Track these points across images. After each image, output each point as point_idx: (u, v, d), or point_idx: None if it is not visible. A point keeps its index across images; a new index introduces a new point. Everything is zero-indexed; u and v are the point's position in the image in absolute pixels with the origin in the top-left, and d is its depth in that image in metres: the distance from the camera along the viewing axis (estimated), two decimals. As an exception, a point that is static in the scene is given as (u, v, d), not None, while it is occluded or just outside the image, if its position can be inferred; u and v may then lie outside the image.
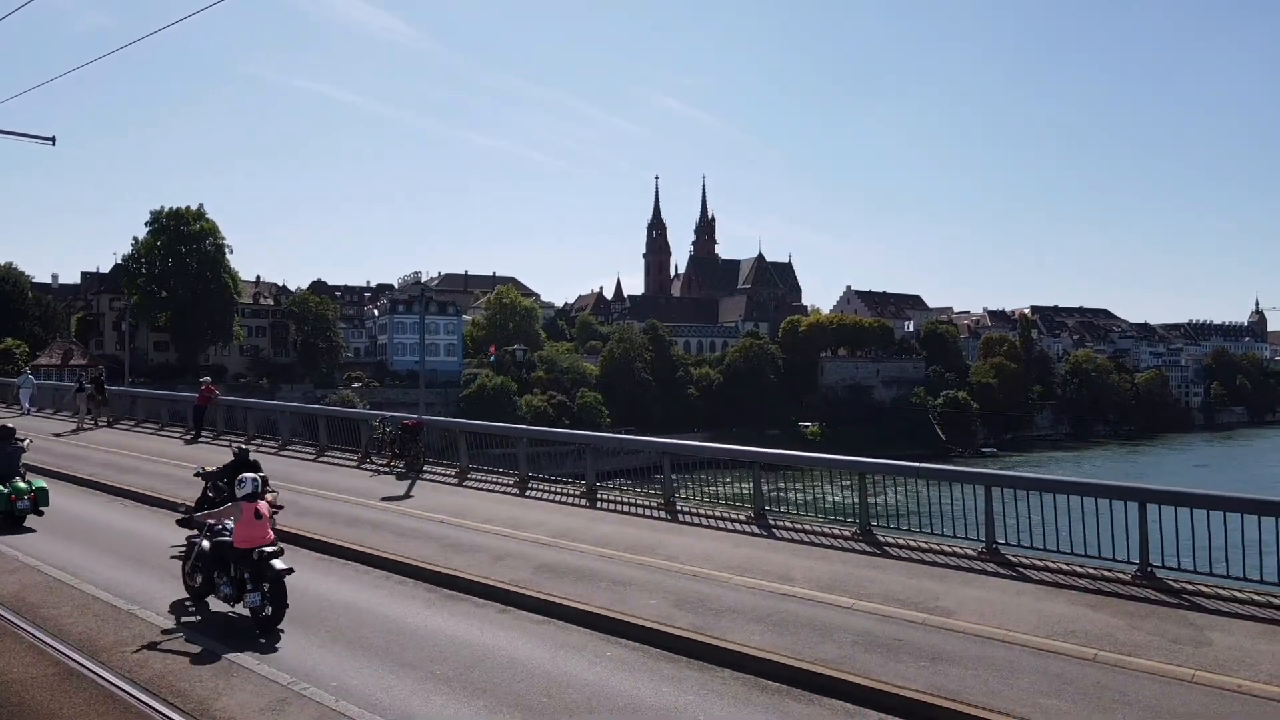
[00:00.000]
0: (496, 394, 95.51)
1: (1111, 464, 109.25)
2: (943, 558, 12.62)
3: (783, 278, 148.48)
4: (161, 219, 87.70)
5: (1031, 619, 9.97)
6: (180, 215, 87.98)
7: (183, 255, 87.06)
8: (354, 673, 8.53)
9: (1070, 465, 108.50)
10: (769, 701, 8.22)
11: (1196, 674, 8.43)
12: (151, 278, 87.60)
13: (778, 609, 10.41)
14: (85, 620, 9.87)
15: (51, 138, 16.60)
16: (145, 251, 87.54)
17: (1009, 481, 12.74)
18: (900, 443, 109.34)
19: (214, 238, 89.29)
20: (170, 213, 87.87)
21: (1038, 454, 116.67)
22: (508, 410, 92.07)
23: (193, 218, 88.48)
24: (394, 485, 18.36)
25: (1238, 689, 8.11)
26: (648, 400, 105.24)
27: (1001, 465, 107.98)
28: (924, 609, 10.33)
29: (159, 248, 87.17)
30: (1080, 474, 60.43)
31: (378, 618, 10.25)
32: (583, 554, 12.96)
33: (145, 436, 26.21)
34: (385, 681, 8.35)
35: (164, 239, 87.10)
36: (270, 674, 8.38)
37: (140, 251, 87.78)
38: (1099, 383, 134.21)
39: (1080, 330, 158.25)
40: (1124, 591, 10.97)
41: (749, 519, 14.89)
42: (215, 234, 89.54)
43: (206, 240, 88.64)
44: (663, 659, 9.24)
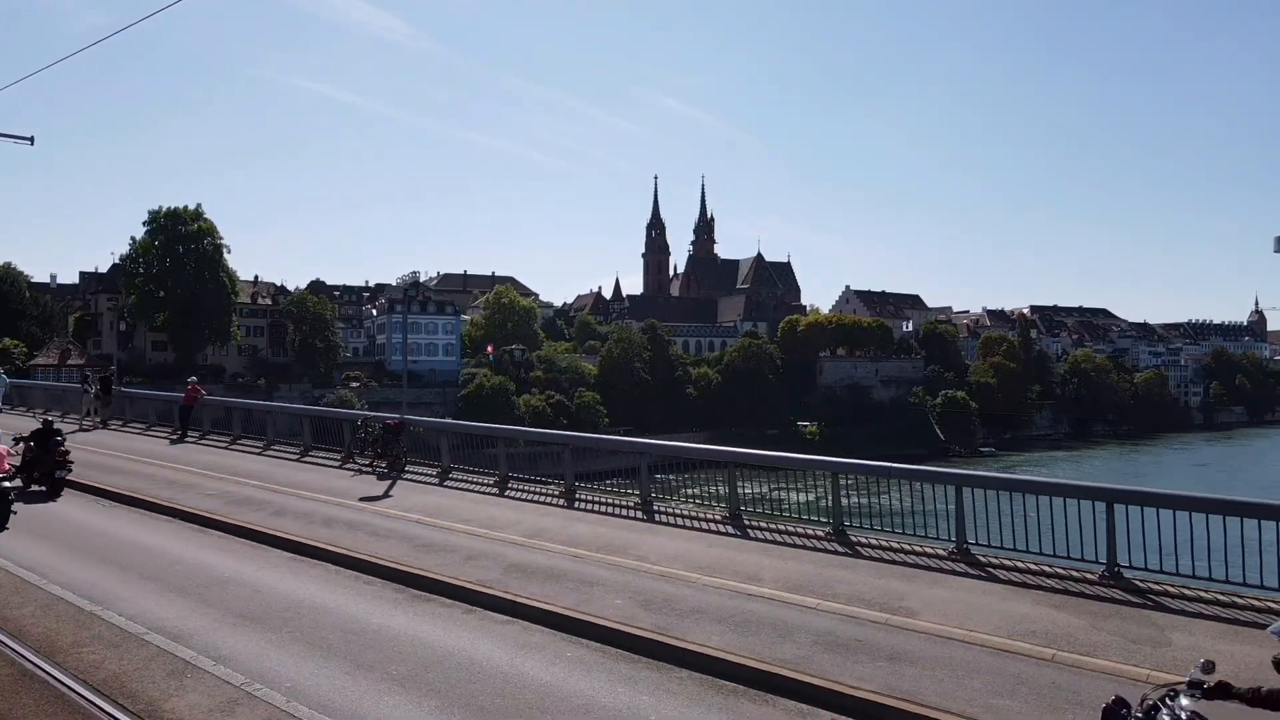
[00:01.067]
0: (495, 394, 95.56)
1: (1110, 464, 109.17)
2: (913, 558, 12.61)
3: (782, 277, 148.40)
4: (159, 219, 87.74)
5: (994, 619, 9.97)
6: (178, 215, 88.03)
7: (180, 255, 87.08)
8: (309, 673, 8.54)
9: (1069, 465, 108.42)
10: (723, 702, 8.22)
11: (1152, 674, 8.41)
12: (149, 278, 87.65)
13: (742, 609, 10.41)
14: (46, 620, 9.88)
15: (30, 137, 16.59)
16: (143, 251, 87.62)
17: (979, 481, 12.72)
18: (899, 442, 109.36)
19: (212, 238, 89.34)
20: (168, 213, 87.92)
21: (1037, 454, 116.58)
22: (506, 410, 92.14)
23: (190, 218, 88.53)
24: (374, 485, 18.36)
25: (1192, 689, 8.09)
26: (646, 400, 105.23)
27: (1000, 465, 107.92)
28: (888, 609, 10.33)
29: (157, 248, 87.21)
30: (1049, 474, 60.31)
31: (341, 618, 10.25)
32: (554, 554, 12.95)
33: (131, 437, 26.21)
34: (340, 682, 8.35)
35: (162, 239, 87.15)
36: (225, 674, 8.38)
37: (138, 251, 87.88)
38: (1098, 382, 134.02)
39: (1079, 330, 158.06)
40: (1090, 592, 10.96)
41: (724, 519, 14.89)
42: (213, 234, 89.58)
43: (204, 240, 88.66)
44: (622, 659, 9.24)
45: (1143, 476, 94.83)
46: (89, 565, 12.31)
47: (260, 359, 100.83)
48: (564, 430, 77.55)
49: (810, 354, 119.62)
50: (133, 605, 10.48)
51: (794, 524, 14.45)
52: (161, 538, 14.20)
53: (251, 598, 10.97)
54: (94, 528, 14.81)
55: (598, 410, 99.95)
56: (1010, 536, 12.51)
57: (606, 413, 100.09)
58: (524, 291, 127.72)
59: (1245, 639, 9.31)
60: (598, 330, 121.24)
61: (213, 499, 16.64)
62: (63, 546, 13.40)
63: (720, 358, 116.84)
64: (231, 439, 24.95)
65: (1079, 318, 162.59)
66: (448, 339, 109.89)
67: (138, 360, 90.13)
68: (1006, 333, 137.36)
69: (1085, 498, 11.76)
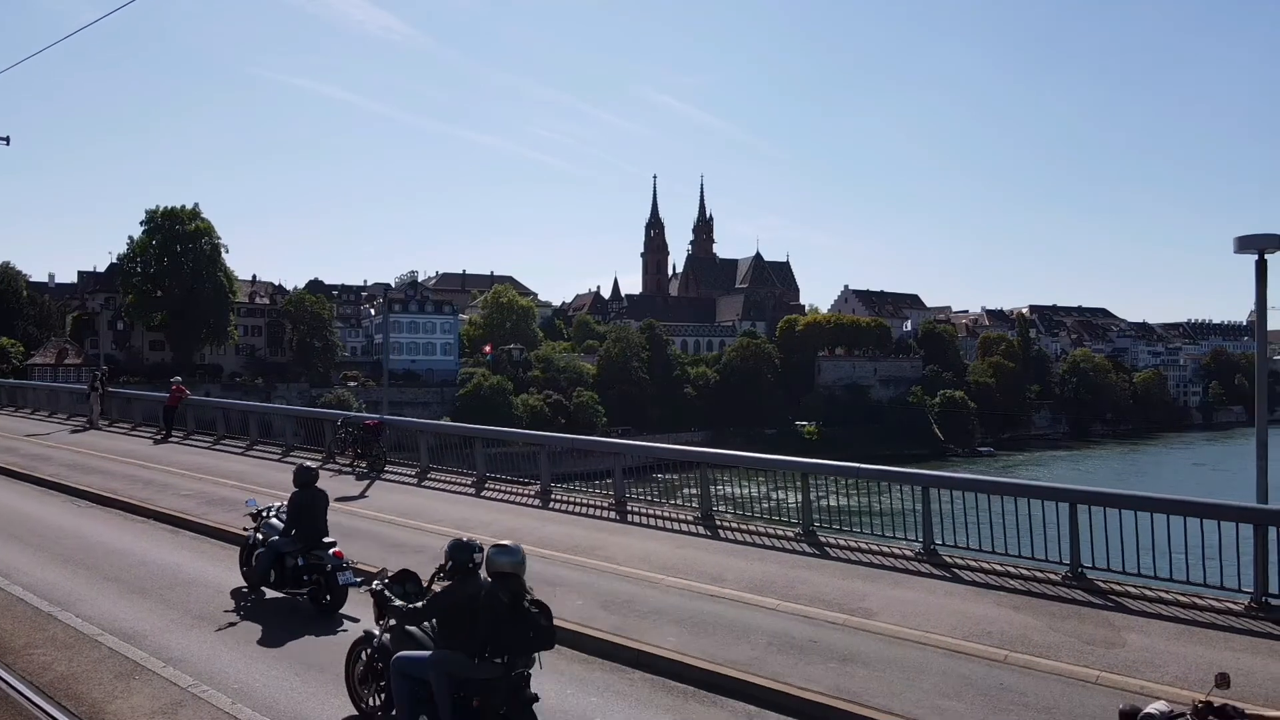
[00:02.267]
0: (493, 394, 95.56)
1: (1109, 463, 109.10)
2: (880, 559, 12.61)
3: (780, 277, 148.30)
4: (156, 218, 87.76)
5: (952, 620, 9.96)
6: (175, 215, 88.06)
7: (178, 255, 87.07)
8: (260, 674, 8.53)
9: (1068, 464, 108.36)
10: (671, 703, 8.22)
11: (1102, 675, 8.42)
12: (147, 277, 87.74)
13: (702, 610, 10.41)
14: (2, 622, 9.88)
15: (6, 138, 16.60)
16: (140, 251, 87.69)
17: (946, 482, 12.74)
18: (898, 442, 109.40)
19: (209, 237, 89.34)
20: (165, 212, 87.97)
21: (1035, 453, 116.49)
22: (503, 410, 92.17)
23: (188, 217, 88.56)
24: (352, 485, 18.36)
25: (1140, 690, 8.08)
26: (644, 400, 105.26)
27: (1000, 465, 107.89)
28: (847, 610, 10.32)
29: (154, 247, 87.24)
30: (1015, 475, 60.03)
31: (300, 619, 10.24)
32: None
33: (117, 437, 26.22)
34: (290, 684, 8.35)
35: (159, 238, 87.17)
36: (173, 676, 8.38)
37: (135, 251, 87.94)
38: (1097, 382, 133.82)
39: (1079, 330, 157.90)
40: (1052, 593, 10.96)
41: (696, 520, 14.89)
42: (211, 233, 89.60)
43: (202, 240, 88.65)
44: (576, 661, 9.24)
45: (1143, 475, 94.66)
46: (54, 566, 12.29)
47: (258, 358, 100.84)
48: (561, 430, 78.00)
49: (809, 354, 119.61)
50: (91, 606, 10.47)
51: (765, 524, 14.46)
52: (132, 538, 14.20)
53: (213, 598, 10.96)
54: (65, 528, 14.79)
55: (596, 410, 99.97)
56: (977, 538, 12.52)
57: (605, 412, 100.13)
58: (522, 291, 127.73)
59: (1199, 640, 9.32)
60: (596, 330, 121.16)
61: (188, 499, 16.63)
62: (30, 547, 13.38)
63: (718, 357, 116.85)
64: (215, 439, 24.96)
65: (1078, 317, 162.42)
66: (446, 338, 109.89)
67: (135, 360, 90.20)
68: (1005, 332, 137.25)
69: (1049, 499, 11.78)
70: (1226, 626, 9.73)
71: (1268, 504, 10.32)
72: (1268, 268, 10.37)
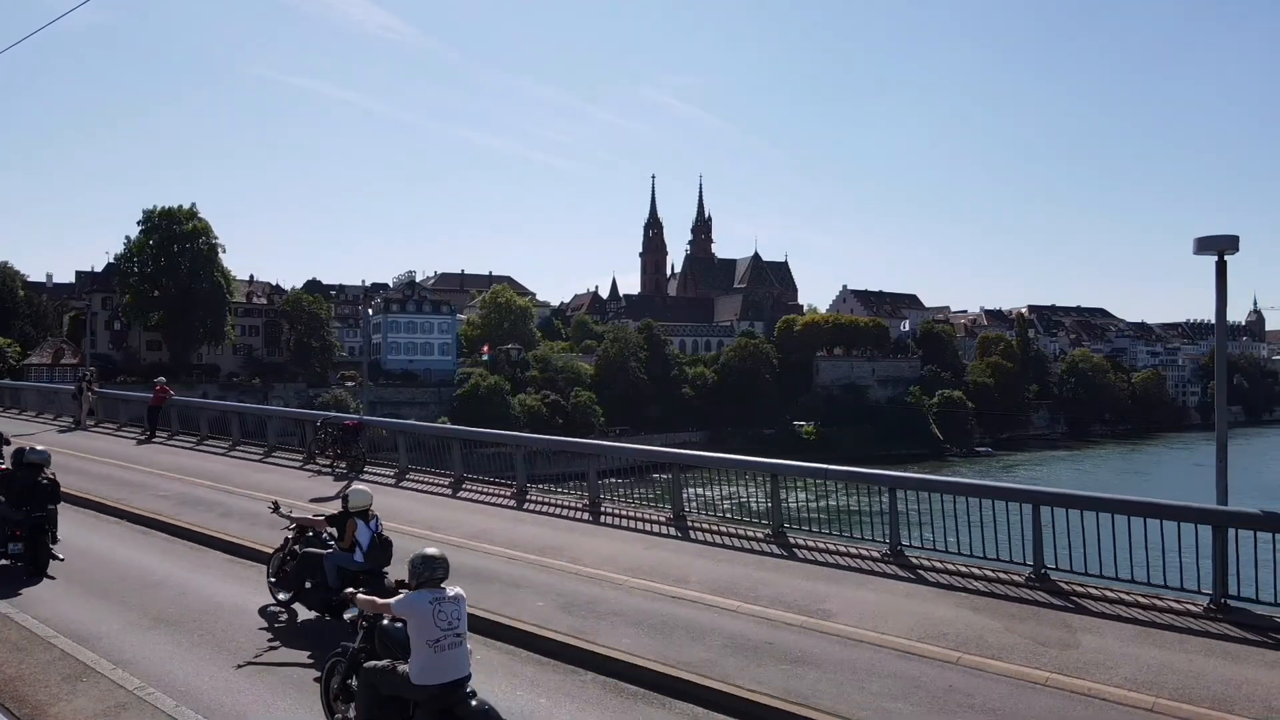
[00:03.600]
0: (490, 394, 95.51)
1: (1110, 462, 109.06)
2: (847, 560, 12.59)
3: (779, 277, 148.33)
4: (154, 218, 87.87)
5: (910, 621, 9.95)
6: (173, 214, 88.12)
7: (175, 255, 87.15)
8: (209, 676, 8.53)
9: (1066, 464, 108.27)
10: (620, 705, 8.21)
11: (1051, 677, 8.41)
12: (144, 277, 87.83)
13: (662, 612, 10.40)
14: (-43, 623, 9.90)
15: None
16: (137, 251, 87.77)
17: (911, 483, 12.70)
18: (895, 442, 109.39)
19: (207, 237, 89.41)
20: (162, 212, 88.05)
21: (1033, 453, 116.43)
22: (501, 410, 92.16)
23: (185, 217, 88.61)
24: (329, 486, 18.33)
25: (1088, 692, 8.09)
26: (642, 400, 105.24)
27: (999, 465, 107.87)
28: (806, 612, 10.31)
29: (151, 247, 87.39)
30: (977, 476, 59.83)
31: (257, 619, 10.24)
32: (490, 555, 12.95)
33: (101, 437, 26.23)
34: (237, 685, 8.35)
35: (156, 238, 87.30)
36: (121, 679, 8.37)
37: (132, 251, 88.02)
38: (1096, 382, 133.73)
39: (1077, 329, 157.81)
40: (1014, 594, 10.94)
41: (668, 520, 14.88)
42: (208, 233, 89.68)
43: (199, 239, 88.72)
44: (531, 662, 9.24)
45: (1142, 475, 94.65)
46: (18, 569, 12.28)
47: (256, 358, 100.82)
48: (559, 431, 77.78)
49: (807, 353, 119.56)
50: (50, 608, 10.48)
51: (736, 526, 14.44)
52: (102, 539, 14.22)
53: (175, 600, 10.96)
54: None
55: (594, 410, 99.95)
56: (945, 539, 12.50)
57: (603, 413, 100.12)
58: (521, 291, 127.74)
59: (1155, 642, 9.30)
60: (594, 330, 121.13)
61: (163, 500, 16.64)
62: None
63: (717, 357, 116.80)
64: (199, 439, 24.97)
65: (1077, 317, 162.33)
66: (444, 338, 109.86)
67: (132, 360, 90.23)
68: (1004, 332, 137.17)
69: (1012, 500, 11.77)
70: (1184, 628, 9.71)
71: (1227, 505, 10.27)
72: (1227, 269, 10.34)
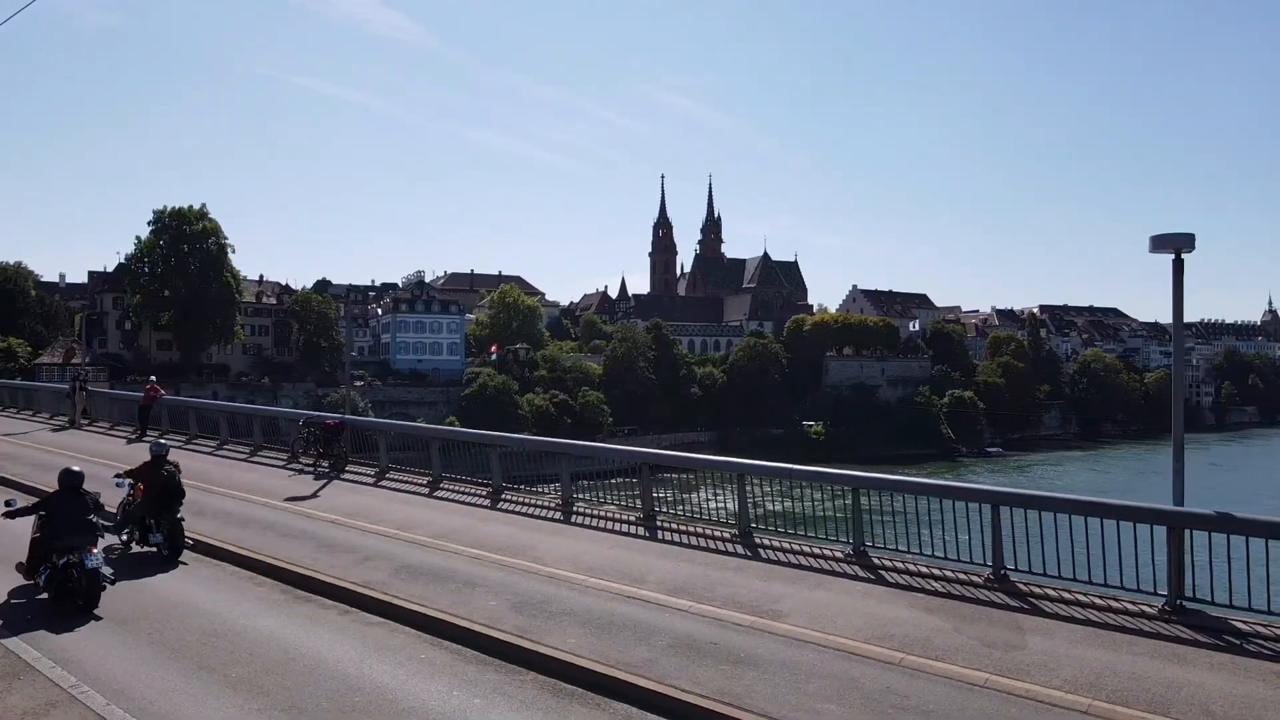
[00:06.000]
0: (498, 393, 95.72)
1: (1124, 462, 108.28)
2: (809, 560, 12.53)
3: (788, 276, 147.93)
4: (164, 218, 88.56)
5: (859, 622, 9.88)
6: (183, 215, 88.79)
7: (185, 255, 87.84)
8: (146, 675, 8.55)
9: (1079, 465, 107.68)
10: (555, 704, 8.17)
11: (991, 678, 8.33)
12: (154, 277, 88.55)
13: (613, 612, 10.36)
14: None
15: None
16: (148, 251, 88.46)
17: (873, 484, 12.61)
18: (905, 442, 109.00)
19: (216, 237, 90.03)
20: (173, 212, 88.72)
21: (1045, 454, 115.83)
22: (509, 410, 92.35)
23: (195, 217, 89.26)
24: (308, 485, 18.42)
25: (1025, 694, 8.01)
26: (650, 400, 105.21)
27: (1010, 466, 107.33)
28: (757, 612, 10.25)
29: (161, 247, 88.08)
30: (939, 477, 59.29)
31: (209, 620, 10.25)
32: (452, 555, 12.94)
33: (92, 437, 26.41)
34: (173, 684, 8.36)
35: (166, 238, 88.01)
36: (59, 677, 8.40)
37: (143, 251, 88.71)
38: (1108, 382, 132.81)
39: (1090, 329, 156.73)
40: (971, 595, 10.86)
41: (638, 521, 14.85)
42: (218, 234, 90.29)
43: (209, 240, 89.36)
44: (474, 661, 9.22)
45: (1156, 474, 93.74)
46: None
47: (265, 358, 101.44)
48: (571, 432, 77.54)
49: (816, 353, 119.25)
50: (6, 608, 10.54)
51: (705, 526, 14.40)
52: (73, 537, 14.24)
53: (130, 598, 11.00)
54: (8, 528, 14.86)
55: (602, 410, 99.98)
56: (907, 540, 12.43)
57: (611, 412, 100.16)
58: (530, 291, 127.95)
59: (1104, 644, 9.20)
60: (603, 330, 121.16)
61: (140, 499, 16.68)
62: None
63: (725, 357, 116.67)
64: (188, 438, 25.10)
65: (1089, 317, 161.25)
66: (452, 338, 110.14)
67: (143, 359, 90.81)
68: (1015, 332, 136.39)
69: (972, 500, 11.69)
70: (1136, 630, 9.61)
71: (1183, 506, 10.16)
72: (1184, 267, 10.21)
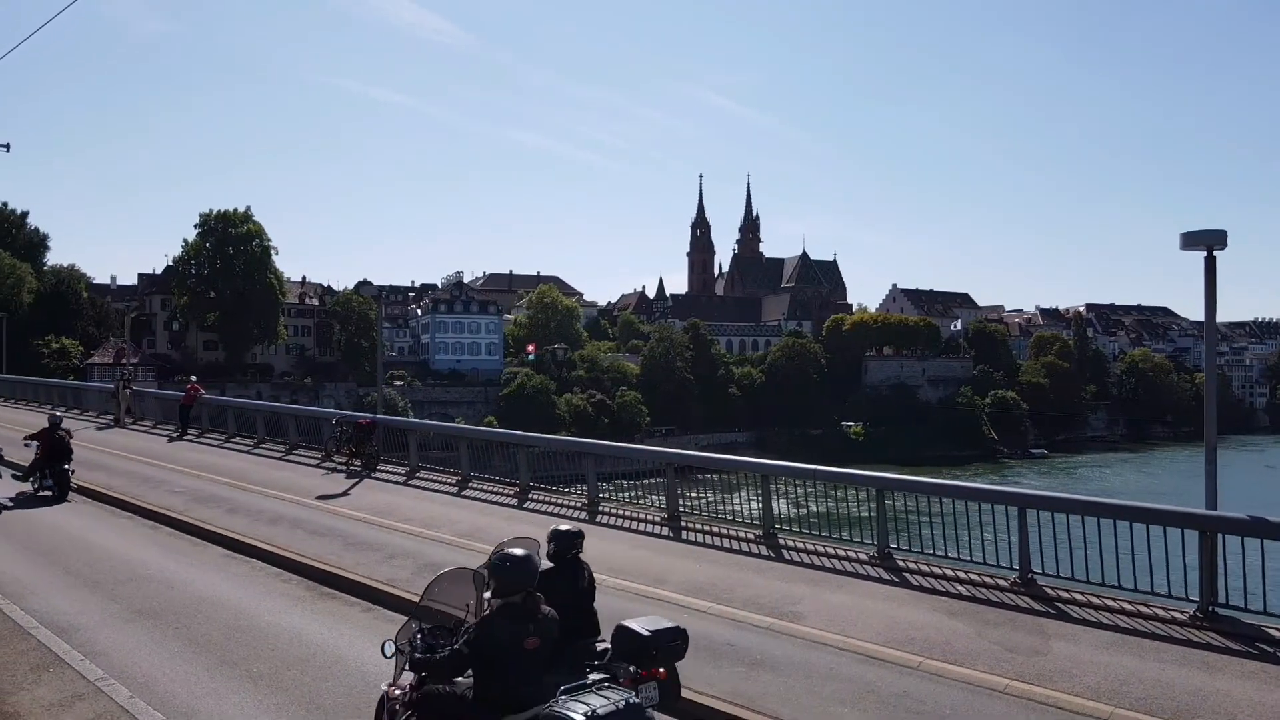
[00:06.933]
0: (536, 393, 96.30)
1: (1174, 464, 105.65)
2: (833, 562, 12.41)
3: (827, 276, 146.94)
4: (210, 221, 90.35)
5: (879, 625, 9.77)
6: (228, 217, 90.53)
7: (230, 256, 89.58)
8: (170, 669, 8.71)
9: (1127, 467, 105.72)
10: (568, 705, 8.17)
11: (1011, 684, 8.18)
12: (200, 279, 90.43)
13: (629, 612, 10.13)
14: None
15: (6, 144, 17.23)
16: (194, 253, 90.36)
17: (899, 485, 12.48)
18: (946, 443, 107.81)
19: (260, 239, 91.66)
20: (218, 215, 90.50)
21: (1092, 455, 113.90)
22: (547, 409, 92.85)
23: (240, 220, 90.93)
24: (339, 483, 18.66)
25: (1045, 700, 7.86)
26: (688, 400, 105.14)
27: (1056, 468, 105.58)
28: (776, 614, 10.18)
29: (207, 249, 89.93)
30: (977, 479, 58.36)
31: (235, 615, 10.42)
32: (475, 554, 12.90)
33: (135, 435, 26.99)
34: (196, 678, 8.50)
35: (212, 241, 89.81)
36: (86, 669, 8.59)
37: (189, 253, 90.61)
38: (1157, 383, 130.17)
39: (1138, 329, 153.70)
40: (995, 599, 10.68)
41: (662, 521, 14.83)
42: (261, 236, 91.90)
43: (253, 242, 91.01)
44: (492, 660, 9.25)
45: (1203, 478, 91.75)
46: (24, 559, 12.74)
47: (307, 358, 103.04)
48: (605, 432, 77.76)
49: (855, 353, 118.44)
50: (41, 599, 10.80)
51: (730, 527, 14.33)
52: (110, 533, 14.62)
53: (162, 594, 11.22)
54: (50, 523, 15.32)
55: (639, 410, 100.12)
56: (932, 543, 12.28)
57: (648, 413, 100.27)
58: (568, 291, 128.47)
59: (1130, 650, 9.00)
60: (640, 330, 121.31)
61: (177, 496, 17.06)
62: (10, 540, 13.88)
63: (764, 357, 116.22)
64: (226, 437, 25.57)
65: (1137, 316, 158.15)
66: (490, 338, 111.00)
67: (190, 359, 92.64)
68: (1060, 331, 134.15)
69: (998, 502, 11.50)
70: (1165, 636, 9.38)
71: (1216, 510, 9.91)
72: (1216, 264, 9.96)
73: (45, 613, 10.32)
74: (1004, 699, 7.92)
